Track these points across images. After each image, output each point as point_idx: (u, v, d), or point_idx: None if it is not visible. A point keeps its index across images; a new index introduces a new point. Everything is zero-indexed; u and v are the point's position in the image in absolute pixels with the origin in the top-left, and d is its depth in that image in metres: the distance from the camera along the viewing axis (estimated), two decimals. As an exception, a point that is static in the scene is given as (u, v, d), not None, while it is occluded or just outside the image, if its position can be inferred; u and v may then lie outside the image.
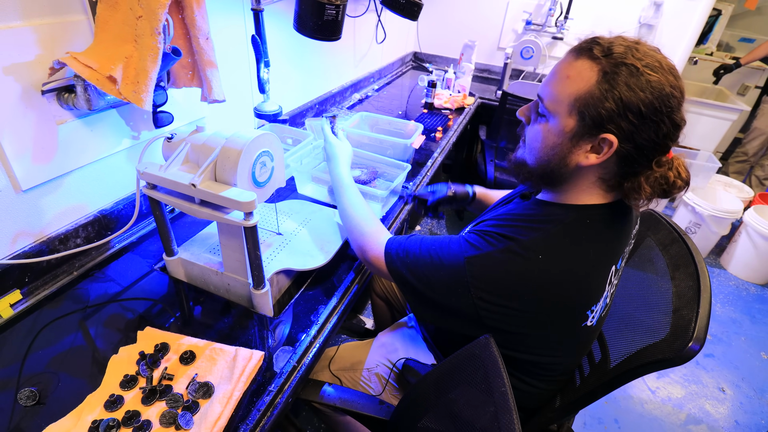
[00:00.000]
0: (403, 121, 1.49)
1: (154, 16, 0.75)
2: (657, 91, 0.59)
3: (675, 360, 0.62)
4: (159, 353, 0.70)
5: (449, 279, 0.70)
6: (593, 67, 0.62)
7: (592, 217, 0.69)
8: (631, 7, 2.32)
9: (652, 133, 0.61)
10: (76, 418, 0.61)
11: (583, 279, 0.67)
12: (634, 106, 0.59)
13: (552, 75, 0.68)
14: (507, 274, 0.66)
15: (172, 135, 0.79)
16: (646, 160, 0.64)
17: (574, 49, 0.66)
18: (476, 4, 2.60)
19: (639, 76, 0.59)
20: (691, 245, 0.79)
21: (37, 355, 0.72)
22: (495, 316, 0.68)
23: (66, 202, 0.88)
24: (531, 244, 0.66)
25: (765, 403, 1.79)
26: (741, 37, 3.66)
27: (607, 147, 0.63)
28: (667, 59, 0.63)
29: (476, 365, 0.55)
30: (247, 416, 0.64)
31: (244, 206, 0.70)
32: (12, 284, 0.80)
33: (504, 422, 0.47)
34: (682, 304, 0.70)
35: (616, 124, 0.61)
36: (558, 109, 0.66)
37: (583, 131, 0.64)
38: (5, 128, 0.73)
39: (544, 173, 0.71)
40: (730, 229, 2.61)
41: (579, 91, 0.63)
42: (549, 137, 0.68)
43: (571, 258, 0.67)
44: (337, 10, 0.90)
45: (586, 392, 0.76)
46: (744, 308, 2.31)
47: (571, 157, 0.67)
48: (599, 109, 0.61)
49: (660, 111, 0.60)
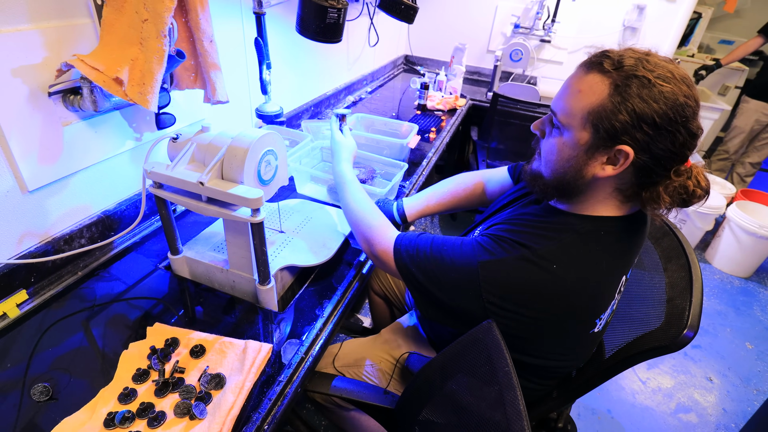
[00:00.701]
0: (398, 121, 1.52)
1: (160, 20, 0.77)
2: (671, 102, 0.59)
3: (671, 347, 0.65)
4: (170, 347, 0.72)
5: (460, 280, 0.71)
6: (604, 81, 0.62)
7: (606, 229, 0.70)
8: (615, 10, 2.39)
9: (668, 143, 0.61)
10: (90, 411, 0.62)
11: (594, 289, 0.68)
12: (648, 117, 0.60)
13: (564, 89, 0.69)
14: (520, 281, 0.67)
15: (177, 135, 0.81)
16: (663, 169, 0.63)
17: (585, 63, 0.67)
18: (466, 8, 2.66)
19: (651, 87, 0.59)
20: (681, 238, 0.83)
21: (46, 353, 0.73)
22: (504, 320, 0.69)
23: (70, 202, 0.89)
24: (545, 253, 0.67)
25: (750, 391, 1.85)
26: (721, 39, 3.78)
27: (623, 158, 0.63)
28: (680, 69, 0.63)
29: (480, 348, 0.58)
30: (259, 405, 0.65)
31: (252, 203, 0.72)
32: (18, 284, 0.81)
33: (508, 399, 0.50)
34: (675, 293, 0.73)
35: (631, 136, 0.61)
36: (572, 122, 0.66)
37: (598, 143, 0.64)
38: (13, 129, 0.74)
39: (560, 185, 0.71)
40: (714, 224, 2.69)
41: (591, 105, 0.63)
42: (564, 150, 0.68)
43: (584, 269, 0.67)
44: (338, 13, 0.92)
45: (583, 381, 0.80)
46: (729, 301, 2.38)
47: (587, 169, 0.67)
48: (613, 121, 0.62)
49: (675, 121, 0.60)
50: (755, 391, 1.85)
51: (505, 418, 0.50)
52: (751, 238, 2.44)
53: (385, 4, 1.27)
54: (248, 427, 0.62)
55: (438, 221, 2.79)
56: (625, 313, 0.84)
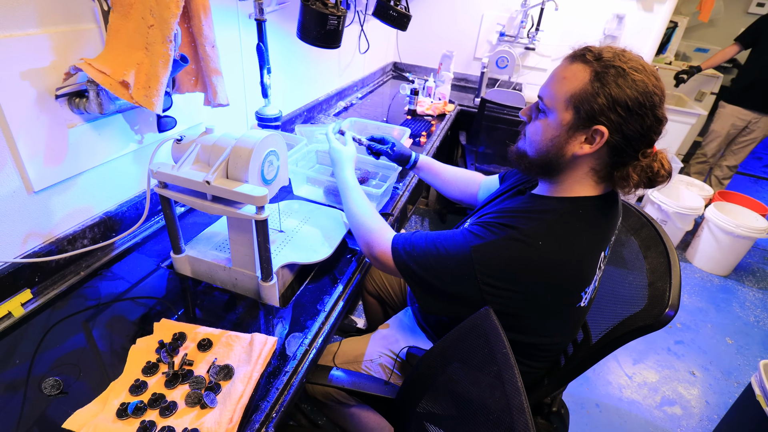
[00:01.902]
0: (391, 125, 1.56)
1: (165, 25, 0.80)
2: (641, 89, 0.68)
3: (655, 325, 0.71)
4: (177, 341, 0.74)
5: (456, 267, 0.77)
6: (586, 69, 0.71)
7: (584, 207, 0.77)
8: (596, 19, 2.48)
9: (638, 126, 0.69)
10: (102, 403, 0.64)
11: (577, 262, 0.74)
12: (622, 101, 0.68)
13: (550, 78, 0.77)
14: (510, 259, 0.73)
15: (181, 137, 0.84)
16: (633, 150, 0.72)
17: (570, 56, 0.76)
18: (453, 17, 2.73)
19: (626, 76, 0.68)
20: (659, 228, 0.88)
21: (53, 349, 0.74)
22: (499, 300, 0.74)
23: (74, 203, 0.90)
24: (531, 232, 0.73)
25: (731, 384, 1.92)
26: (696, 47, 3.93)
27: (599, 137, 0.71)
28: (649, 65, 0.72)
29: (478, 333, 0.62)
30: (267, 394, 0.68)
31: (257, 200, 0.75)
32: (23, 283, 0.82)
33: (507, 377, 0.54)
34: (655, 278, 0.79)
35: (606, 117, 0.70)
36: (556, 105, 0.74)
37: (578, 123, 0.72)
38: (21, 131, 0.76)
39: (543, 162, 0.79)
40: (693, 225, 2.79)
41: (574, 89, 0.71)
42: (548, 130, 0.76)
43: (567, 244, 0.74)
44: (338, 20, 0.96)
45: (575, 364, 0.84)
46: (709, 298, 2.47)
47: (567, 147, 0.75)
48: (592, 103, 0.70)
49: (644, 106, 0.68)
50: (736, 384, 1.93)
51: (505, 395, 0.53)
52: (728, 238, 2.54)
53: (379, 12, 1.31)
54: (257, 415, 0.65)
55: (428, 224, 2.83)
56: (610, 297, 0.89)
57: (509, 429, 0.52)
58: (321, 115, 1.96)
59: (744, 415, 1.38)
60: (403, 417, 0.79)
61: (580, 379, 1.84)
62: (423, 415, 0.72)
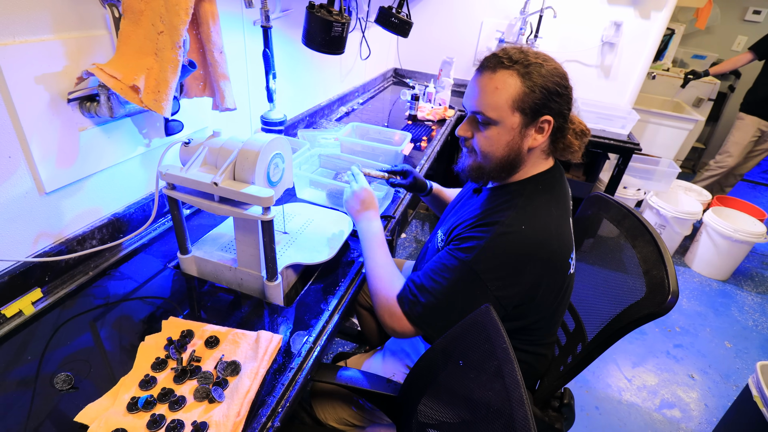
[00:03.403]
0: (392, 130, 1.59)
1: (175, 32, 0.82)
2: (559, 73, 0.80)
3: (659, 312, 0.74)
4: (185, 338, 0.75)
5: (467, 289, 0.80)
6: (512, 74, 0.79)
7: (542, 183, 0.87)
8: (594, 27, 2.52)
9: (566, 102, 0.82)
10: (113, 398, 0.66)
11: (556, 232, 0.81)
12: (552, 89, 0.79)
13: (478, 91, 0.83)
14: (506, 253, 0.79)
15: (189, 140, 0.86)
16: (566, 123, 0.84)
17: (487, 67, 0.82)
18: (452, 24, 2.77)
19: (543, 68, 0.79)
20: (641, 218, 0.92)
21: (63, 346, 0.76)
22: (511, 295, 0.80)
23: (83, 205, 0.92)
24: (510, 221, 0.80)
25: (730, 387, 1.93)
26: (693, 54, 3.98)
27: (547, 125, 0.81)
28: (541, 51, 0.83)
29: (479, 329, 0.63)
30: (273, 390, 0.70)
31: (264, 201, 0.77)
32: (34, 282, 0.84)
33: (507, 371, 0.55)
34: (649, 266, 0.82)
35: (548, 107, 0.80)
36: (501, 114, 0.81)
37: (527, 122, 0.81)
38: (34, 133, 0.78)
39: (503, 166, 0.85)
40: (691, 229, 2.81)
41: (513, 94, 0.79)
42: (501, 137, 0.83)
43: (542, 219, 0.81)
44: (342, 27, 0.99)
45: (584, 355, 0.87)
46: (708, 302, 2.48)
47: (523, 145, 0.83)
48: (533, 100, 0.79)
49: (565, 86, 0.81)
50: (734, 387, 1.94)
51: (505, 388, 0.55)
52: (727, 242, 2.56)
53: (381, 19, 1.34)
54: (264, 409, 0.66)
55: (428, 228, 2.85)
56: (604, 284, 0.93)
57: (509, 420, 0.53)
58: (323, 120, 1.98)
59: (741, 415, 1.39)
60: (405, 414, 0.80)
61: (579, 380, 1.86)
62: (424, 412, 0.74)
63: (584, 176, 2.92)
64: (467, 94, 0.87)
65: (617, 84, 2.65)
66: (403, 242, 2.68)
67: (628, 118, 2.35)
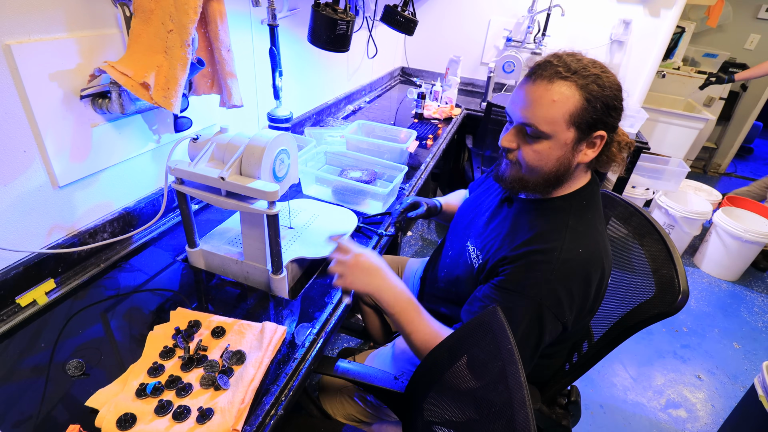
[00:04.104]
0: (397, 128, 1.60)
1: (184, 30, 0.85)
2: (616, 86, 0.76)
3: (670, 311, 0.75)
4: (192, 328, 0.78)
5: (541, 325, 0.75)
6: (570, 86, 0.74)
7: (585, 198, 0.83)
8: (602, 25, 2.50)
9: (619, 117, 0.78)
10: (122, 384, 0.68)
11: (605, 249, 0.80)
12: (611, 103, 0.75)
13: (529, 101, 0.77)
14: (571, 281, 0.75)
15: (197, 136, 0.88)
16: (615, 134, 0.80)
17: (541, 75, 0.76)
18: (460, 22, 2.77)
19: (601, 80, 0.74)
20: (648, 216, 0.91)
21: (75, 335, 0.78)
22: (576, 317, 0.78)
23: (95, 198, 0.95)
24: (567, 246, 0.76)
25: (738, 388, 1.91)
26: (705, 53, 3.93)
27: (600, 140, 0.77)
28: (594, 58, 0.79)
29: (485, 330, 0.64)
30: (277, 379, 0.71)
31: (269, 195, 0.79)
32: (47, 273, 0.87)
33: (510, 372, 0.56)
34: (658, 265, 0.82)
35: (603, 122, 0.76)
36: (556, 128, 0.75)
37: (581, 137, 0.77)
38: (48, 129, 0.81)
39: (550, 182, 0.81)
40: (701, 229, 2.78)
41: (572, 109, 0.74)
42: (553, 152, 0.78)
43: (594, 237, 0.79)
44: (347, 25, 1.01)
45: (593, 353, 0.87)
46: (717, 303, 2.46)
47: (573, 160, 0.79)
48: (591, 115, 0.74)
49: (621, 99, 0.77)
50: (742, 388, 1.92)
51: (507, 389, 0.56)
52: (737, 243, 2.53)
53: (387, 17, 1.36)
54: (267, 397, 0.68)
55: (435, 227, 2.86)
56: (616, 285, 0.92)
57: (509, 421, 0.54)
58: (330, 118, 2.00)
59: (747, 415, 1.38)
60: (411, 411, 0.81)
61: (584, 380, 1.85)
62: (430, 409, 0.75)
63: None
64: (514, 101, 0.80)
65: (626, 83, 2.61)
66: (408, 240, 2.69)
67: (637, 117, 2.33)
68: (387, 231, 1.15)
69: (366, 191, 1.24)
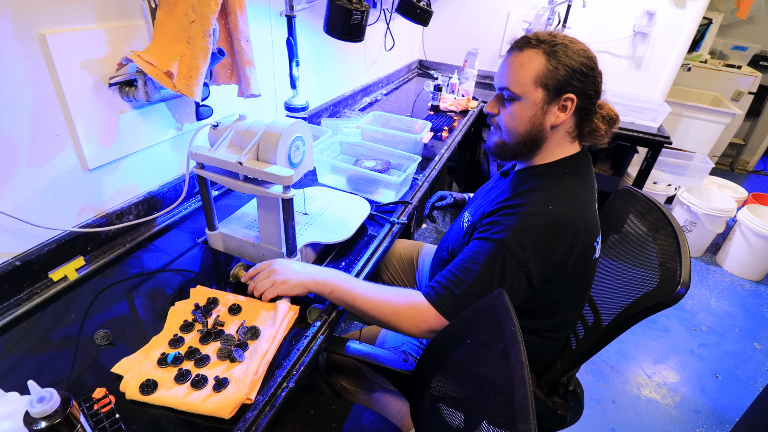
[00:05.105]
0: (413, 119, 1.62)
1: (206, 21, 0.88)
2: (585, 55, 0.84)
3: (667, 302, 0.75)
4: (211, 305, 0.82)
5: (501, 269, 0.79)
6: (538, 53, 0.83)
7: (568, 167, 0.89)
8: (625, 16, 2.45)
9: (592, 84, 0.84)
10: (145, 353, 0.72)
11: (582, 214, 0.83)
12: (577, 69, 0.82)
13: (505, 68, 0.88)
14: (536, 232, 0.80)
15: (217, 123, 0.92)
16: (593, 106, 0.87)
17: (513, 46, 0.87)
18: (478, 14, 2.75)
19: (570, 48, 0.82)
20: (666, 212, 0.91)
21: (102, 309, 0.83)
22: (541, 272, 0.81)
23: (122, 182, 1.00)
24: (538, 202, 0.82)
25: (757, 389, 1.87)
26: (734, 45, 3.79)
27: (570, 103, 0.84)
28: None
29: (490, 313, 0.66)
30: (289, 354, 0.75)
31: (284, 180, 0.82)
32: (77, 251, 0.92)
33: (512, 352, 0.58)
34: (666, 258, 0.82)
35: (571, 85, 0.83)
36: (525, 89, 0.85)
37: (550, 98, 0.84)
38: (79, 114, 0.86)
39: (526, 142, 0.89)
40: (724, 227, 2.71)
41: (537, 71, 0.83)
42: (524, 112, 0.86)
43: (569, 200, 0.83)
44: (362, 15, 1.03)
45: (590, 345, 0.88)
46: (738, 303, 2.40)
47: (545, 121, 0.86)
48: (557, 77, 0.82)
49: (591, 68, 0.84)
50: (761, 389, 1.88)
51: (509, 367, 0.58)
52: (762, 242, 2.46)
53: (402, 8, 1.37)
54: (279, 371, 0.72)
55: (449, 219, 2.86)
56: (621, 275, 0.93)
57: (509, 398, 0.56)
58: (346, 110, 2.03)
59: (761, 413, 1.36)
60: (417, 391, 0.84)
61: (597, 375, 1.85)
62: (435, 388, 0.78)
63: (611, 170, 2.86)
64: (497, 73, 0.91)
65: (649, 76, 2.58)
66: (423, 232, 2.71)
67: (659, 111, 2.28)
68: (399, 219, 1.17)
69: (379, 180, 1.27)
